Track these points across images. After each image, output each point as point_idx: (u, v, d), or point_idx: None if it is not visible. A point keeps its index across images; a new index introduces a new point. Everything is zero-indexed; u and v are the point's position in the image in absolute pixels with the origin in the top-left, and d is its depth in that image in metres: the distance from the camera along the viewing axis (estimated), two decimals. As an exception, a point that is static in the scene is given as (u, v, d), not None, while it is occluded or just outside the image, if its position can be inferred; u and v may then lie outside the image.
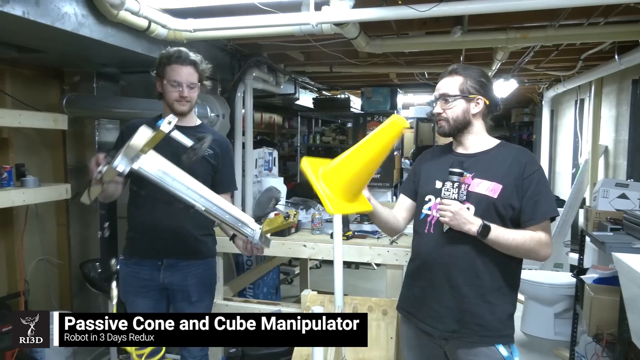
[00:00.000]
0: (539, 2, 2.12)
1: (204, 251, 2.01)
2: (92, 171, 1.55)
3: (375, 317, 2.32)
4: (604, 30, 2.75)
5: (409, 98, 6.51)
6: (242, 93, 3.52)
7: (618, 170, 3.95)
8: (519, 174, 1.46)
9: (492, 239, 1.41)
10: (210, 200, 1.61)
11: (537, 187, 1.45)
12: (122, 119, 3.25)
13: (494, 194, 1.45)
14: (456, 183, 1.42)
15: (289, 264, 5.27)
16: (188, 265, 1.95)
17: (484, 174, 1.49)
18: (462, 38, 2.75)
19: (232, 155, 2.08)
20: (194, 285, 1.94)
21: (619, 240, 2.45)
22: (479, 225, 1.40)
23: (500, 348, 1.47)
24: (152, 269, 1.92)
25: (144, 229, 1.92)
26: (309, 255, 2.58)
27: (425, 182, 1.60)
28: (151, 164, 1.53)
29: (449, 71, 1.54)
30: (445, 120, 1.53)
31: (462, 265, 1.47)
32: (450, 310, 1.48)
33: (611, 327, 2.42)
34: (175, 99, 1.87)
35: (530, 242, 1.43)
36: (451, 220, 1.41)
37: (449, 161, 1.54)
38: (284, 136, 7.77)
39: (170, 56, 1.86)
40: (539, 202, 1.44)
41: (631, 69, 3.48)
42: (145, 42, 2.58)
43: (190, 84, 1.87)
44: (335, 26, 2.37)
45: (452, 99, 1.51)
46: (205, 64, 1.93)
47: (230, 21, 2.40)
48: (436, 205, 1.50)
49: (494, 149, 1.55)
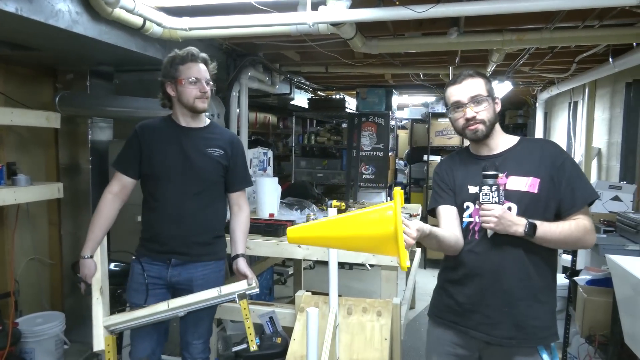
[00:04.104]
0: (535, 4, 2.13)
1: (213, 253, 2.02)
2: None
3: (369, 319, 2.31)
4: (599, 33, 2.76)
5: (404, 99, 6.52)
6: (237, 92, 3.51)
7: (611, 173, 3.97)
8: (551, 164, 1.44)
9: (540, 237, 1.38)
10: (185, 304, 1.85)
11: (571, 173, 1.43)
12: (116, 117, 3.22)
13: (534, 189, 1.43)
14: (494, 186, 1.38)
15: (282, 265, 5.26)
16: (195, 266, 1.96)
17: (517, 170, 1.46)
18: (458, 39, 2.75)
19: (243, 152, 2.09)
20: (200, 286, 1.95)
21: (613, 242, 2.46)
22: (525, 225, 1.37)
23: (544, 352, 1.46)
24: (161, 267, 1.94)
25: (156, 231, 1.94)
26: (304, 256, 2.57)
27: (459, 190, 1.55)
28: None
29: (469, 74, 1.50)
30: (482, 122, 1.48)
31: (512, 268, 1.44)
32: (505, 315, 1.45)
33: (604, 329, 2.43)
34: (197, 96, 1.88)
35: (576, 232, 1.40)
36: (497, 225, 1.37)
37: (475, 165, 1.51)
38: (279, 136, 7.75)
39: (183, 56, 1.88)
40: (576, 188, 1.42)
41: (624, 72, 3.50)
42: (140, 40, 2.56)
43: (207, 79, 1.89)
44: (331, 26, 2.37)
45: (484, 100, 1.47)
46: (212, 62, 1.94)
47: (226, 20, 2.39)
48: (476, 211, 1.47)
49: (518, 144, 1.53)
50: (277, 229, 2.61)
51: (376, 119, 5.23)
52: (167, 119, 2.00)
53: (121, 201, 1.97)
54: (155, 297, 1.93)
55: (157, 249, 1.94)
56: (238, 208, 2.05)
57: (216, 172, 1.97)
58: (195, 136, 1.96)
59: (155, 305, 1.85)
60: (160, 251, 1.93)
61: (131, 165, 1.96)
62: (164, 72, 1.90)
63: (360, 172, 5.31)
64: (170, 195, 1.92)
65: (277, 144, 7.44)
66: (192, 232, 1.94)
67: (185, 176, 1.92)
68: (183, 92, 1.87)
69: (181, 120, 1.96)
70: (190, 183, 1.93)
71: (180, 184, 1.92)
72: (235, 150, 2.01)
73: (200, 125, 1.99)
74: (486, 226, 1.40)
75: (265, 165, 4.15)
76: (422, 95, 6.26)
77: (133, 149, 1.96)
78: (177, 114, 1.96)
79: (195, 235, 1.94)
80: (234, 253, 2.02)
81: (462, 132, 1.53)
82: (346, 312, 2.34)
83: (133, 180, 1.98)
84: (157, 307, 1.84)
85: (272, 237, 2.59)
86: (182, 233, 1.92)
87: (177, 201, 1.91)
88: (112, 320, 1.87)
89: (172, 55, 1.89)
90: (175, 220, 1.91)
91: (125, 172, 1.96)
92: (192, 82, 1.85)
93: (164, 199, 1.92)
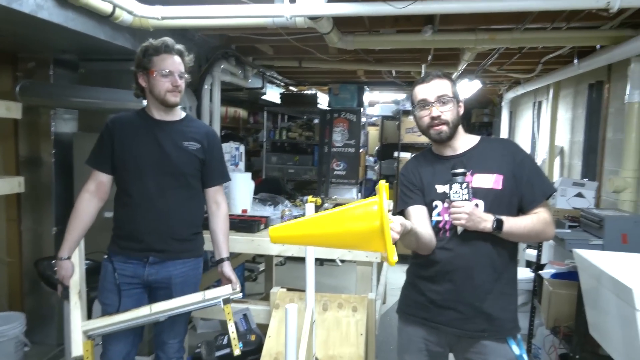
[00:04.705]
0: (508, 4, 2.18)
1: (192, 250, 1.98)
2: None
3: (345, 314, 2.32)
4: (566, 34, 2.86)
5: (375, 96, 6.57)
6: (210, 85, 3.43)
7: (573, 170, 4.14)
8: (512, 161, 1.50)
9: (506, 231, 1.43)
10: (168, 308, 1.81)
11: (530, 170, 1.50)
12: (81, 108, 3.09)
13: (499, 185, 1.48)
14: (464, 184, 1.41)
15: (253, 261, 5.20)
16: (174, 264, 1.90)
17: (481, 167, 1.51)
18: (433, 37, 2.79)
19: (220, 146, 2.04)
20: (179, 284, 1.90)
21: (577, 237, 2.56)
22: (493, 221, 1.42)
23: (513, 342, 1.51)
24: (137, 266, 1.88)
25: (132, 228, 1.88)
26: (279, 252, 2.55)
27: (427, 189, 1.57)
28: None
29: (437, 75, 1.53)
30: (446, 123, 1.51)
31: (483, 263, 1.49)
32: (477, 309, 1.49)
33: (568, 320, 2.53)
34: (168, 89, 1.82)
35: (538, 224, 1.46)
36: (468, 221, 1.41)
37: (441, 165, 1.55)
38: (249, 131, 7.65)
39: (157, 47, 1.82)
40: (535, 184, 1.49)
41: (587, 73, 3.64)
42: (108, 28, 2.46)
43: (180, 73, 1.83)
44: (309, 20, 2.34)
45: (449, 101, 1.51)
46: (188, 55, 1.88)
47: (201, 10, 2.32)
48: (445, 209, 1.50)
49: (479, 144, 1.58)
50: (251, 224, 2.58)
51: (348, 115, 5.24)
52: (140, 112, 1.94)
53: (99, 199, 1.89)
54: (130, 297, 1.87)
55: (132, 246, 1.88)
56: (216, 205, 2.01)
57: (193, 166, 1.92)
58: (170, 129, 1.90)
59: (137, 309, 1.79)
60: (137, 249, 1.87)
61: (105, 161, 1.88)
62: (137, 62, 1.84)
63: (332, 168, 5.32)
64: (146, 190, 1.86)
65: (248, 139, 7.35)
66: (171, 228, 1.89)
67: (161, 171, 1.87)
68: (154, 84, 1.81)
69: (155, 114, 1.90)
70: (167, 178, 1.87)
71: (156, 179, 1.86)
72: (212, 143, 1.97)
73: (176, 119, 1.93)
74: (457, 223, 1.43)
75: (237, 160, 4.08)
76: (393, 93, 6.33)
77: (105, 144, 1.88)
78: (151, 107, 1.89)
79: (173, 231, 1.89)
80: (217, 256, 1.99)
81: (426, 132, 1.55)
82: (322, 308, 2.34)
83: (109, 176, 1.90)
84: (139, 312, 1.79)
85: (246, 233, 2.55)
86: (160, 229, 1.87)
87: (154, 197, 1.86)
88: (91, 324, 1.80)
89: (146, 45, 1.82)
90: (152, 217, 1.86)
91: (99, 168, 1.88)
92: (164, 75, 1.79)
93: (139, 194, 1.86)
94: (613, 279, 1.64)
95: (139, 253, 1.87)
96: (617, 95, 3.35)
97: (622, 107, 3.20)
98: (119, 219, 1.92)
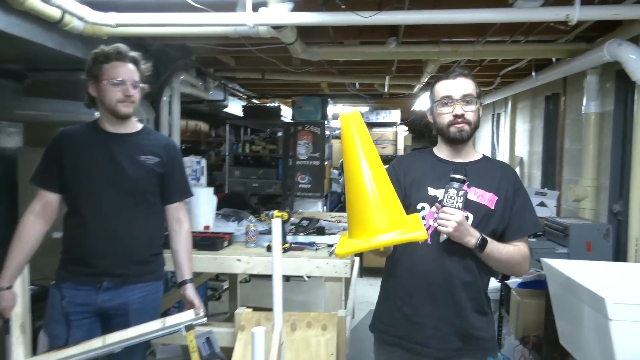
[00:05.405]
0: (471, 15, 2.19)
1: (151, 273, 1.82)
2: None
3: (314, 334, 2.22)
4: (525, 47, 2.94)
5: (339, 109, 6.57)
6: (169, 97, 3.29)
7: (533, 180, 4.24)
8: (510, 187, 1.44)
9: (487, 253, 1.35)
10: (123, 339, 1.63)
11: (524, 201, 1.45)
12: (26, 121, 2.88)
13: (492, 205, 1.41)
14: (461, 191, 1.33)
15: (216, 279, 5.01)
16: (132, 288, 1.75)
17: (479, 183, 1.43)
18: (397, 49, 2.79)
19: (180, 160, 1.91)
20: (136, 311, 1.74)
21: (543, 246, 2.59)
22: (478, 238, 1.34)
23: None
24: (88, 292, 1.71)
25: (83, 251, 1.71)
26: (244, 270, 2.42)
27: (415, 189, 1.47)
28: None
29: (462, 73, 1.44)
30: (468, 123, 1.42)
31: (465, 278, 1.40)
32: (454, 326, 1.40)
33: (537, 330, 2.53)
34: (119, 99, 1.68)
35: (518, 256, 1.41)
36: (455, 230, 1.30)
37: (440, 168, 1.46)
38: (211, 145, 7.48)
39: (108, 54, 1.68)
40: (526, 217, 1.43)
41: (543, 86, 3.76)
42: (57, 36, 2.30)
43: (134, 82, 1.70)
44: (272, 29, 2.28)
45: (474, 102, 1.42)
46: (144, 63, 1.76)
47: (158, 17, 2.21)
48: (432, 214, 1.41)
49: (482, 160, 1.51)
50: (215, 242, 2.45)
51: (312, 127, 5.20)
52: (92, 124, 1.79)
53: (45, 221, 1.72)
54: (80, 328, 1.70)
55: (84, 271, 1.71)
56: (178, 224, 1.88)
57: (151, 182, 1.79)
58: (125, 143, 1.77)
59: (88, 341, 1.61)
60: (89, 274, 1.71)
61: (52, 179, 1.72)
62: (87, 70, 1.70)
63: (297, 182, 5.24)
64: (99, 209, 1.71)
65: (210, 153, 7.17)
66: (128, 249, 1.74)
67: (116, 188, 1.73)
68: (105, 94, 1.68)
69: (108, 126, 1.76)
70: (123, 195, 1.73)
71: (111, 197, 1.72)
72: (172, 157, 1.85)
73: (131, 131, 1.80)
74: (443, 229, 1.33)
75: (198, 175, 3.93)
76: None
77: (53, 160, 1.73)
78: (103, 119, 1.76)
79: (131, 253, 1.75)
80: (179, 278, 1.84)
81: (445, 129, 1.44)
82: (290, 328, 2.23)
83: (57, 195, 1.74)
84: (91, 344, 1.61)
85: (209, 251, 2.42)
86: (116, 252, 1.72)
87: (108, 216, 1.71)
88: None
89: (97, 52, 1.70)
90: (107, 238, 1.71)
91: (46, 186, 1.72)
92: (115, 84, 1.66)
93: (93, 214, 1.71)
94: (585, 289, 1.63)
95: (91, 278, 1.71)
96: (573, 107, 3.47)
97: (578, 118, 3.30)
98: (69, 241, 1.76)
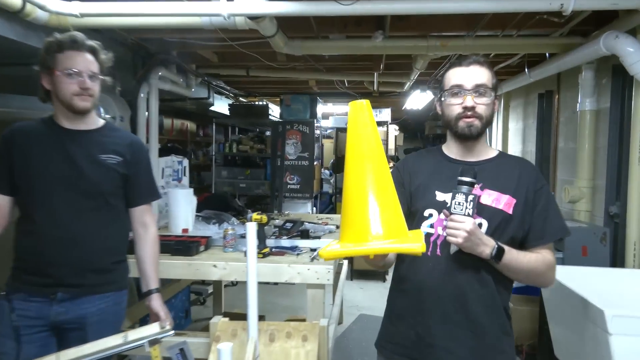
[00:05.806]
0: (460, 5, 2.06)
1: (112, 282, 1.66)
2: None
3: (294, 345, 2.08)
4: (517, 42, 2.81)
5: (329, 108, 6.45)
6: (147, 94, 3.14)
7: (526, 181, 4.12)
8: (530, 186, 1.26)
9: (505, 263, 1.18)
10: (80, 355, 1.41)
11: (548, 202, 1.26)
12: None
13: (509, 209, 1.23)
14: (470, 196, 1.17)
15: (202, 283, 4.86)
16: (90, 300, 1.59)
17: (494, 184, 1.26)
18: (384, 43, 2.65)
19: (147, 159, 1.75)
20: (95, 324, 1.59)
21: (536, 250, 2.47)
22: (493, 247, 1.17)
23: None
24: (41, 304, 1.56)
25: (37, 260, 1.56)
26: (220, 277, 2.28)
27: (422, 194, 1.31)
28: None
29: (477, 60, 1.28)
30: (479, 117, 1.25)
31: (480, 292, 1.22)
32: (471, 349, 1.23)
33: (530, 338, 2.42)
34: (75, 92, 1.52)
35: (542, 266, 1.23)
36: (465, 241, 1.15)
37: (449, 169, 1.29)
38: (198, 144, 7.33)
39: (61, 42, 1.52)
40: (549, 219, 1.25)
41: (536, 83, 3.65)
42: (19, 27, 2.15)
43: (92, 73, 1.54)
44: (250, 20, 2.14)
45: (487, 94, 1.26)
46: (105, 54, 1.60)
47: (125, 6, 2.06)
48: (440, 221, 1.25)
49: (497, 157, 1.33)
50: (189, 247, 2.30)
51: (301, 126, 5.07)
52: (47, 120, 1.64)
53: None
54: (33, 343, 1.54)
55: (37, 281, 1.56)
56: (143, 228, 1.73)
57: (113, 183, 1.64)
58: (84, 140, 1.61)
59: (41, 358, 1.46)
60: (42, 284, 1.56)
61: (2, 180, 1.57)
62: (40, 60, 1.55)
63: (285, 182, 5.10)
64: (55, 214, 1.56)
65: (197, 153, 7.01)
66: (87, 258, 1.59)
67: (73, 190, 1.57)
68: (59, 86, 1.52)
69: (64, 122, 1.61)
70: (80, 198, 1.58)
71: (68, 200, 1.57)
72: (137, 156, 1.70)
73: (91, 127, 1.65)
74: (452, 240, 1.18)
75: (180, 175, 3.79)
76: (346, 104, 6.21)
77: (3, 160, 1.58)
78: (58, 114, 1.60)
79: (90, 261, 1.60)
80: (145, 288, 1.71)
81: (453, 123, 1.29)
82: (268, 339, 2.09)
83: (8, 197, 1.59)
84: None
85: (183, 257, 2.28)
86: (72, 260, 1.57)
87: (65, 221, 1.56)
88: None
89: (50, 40, 1.54)
90: (62, 245, 1.56)
91: None
92: (69, 75, 1.51)
93: (46, 219, 1.56)
94: (582, 299, 1.51)
95: (44, 289, 1.56)
96: (567, 104, 3.35)
97: (572, 116, 3.19)
98: (21, 249, 1.60)
